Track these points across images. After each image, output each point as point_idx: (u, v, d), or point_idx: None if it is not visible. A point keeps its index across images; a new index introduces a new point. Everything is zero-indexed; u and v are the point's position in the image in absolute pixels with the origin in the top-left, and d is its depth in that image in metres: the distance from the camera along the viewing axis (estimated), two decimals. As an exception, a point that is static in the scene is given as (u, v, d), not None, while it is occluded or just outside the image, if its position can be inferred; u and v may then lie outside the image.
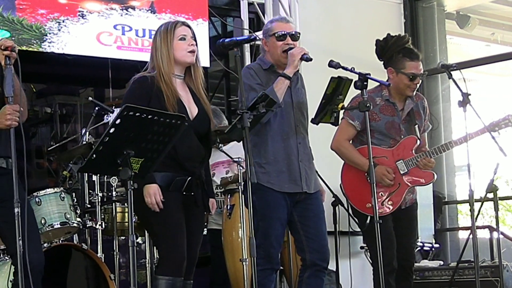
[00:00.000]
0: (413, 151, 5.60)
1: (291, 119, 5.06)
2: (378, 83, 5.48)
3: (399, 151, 5.59)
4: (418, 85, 5.63)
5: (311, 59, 4.94)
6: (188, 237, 4.60)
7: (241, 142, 4.73)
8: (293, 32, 5.08)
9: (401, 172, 5.57)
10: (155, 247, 6.33)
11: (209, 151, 4.85)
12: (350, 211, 5.76)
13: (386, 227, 5.43)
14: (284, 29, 5.06)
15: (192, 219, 4.69)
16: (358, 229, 6.88)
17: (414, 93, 5.67)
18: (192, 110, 4.73)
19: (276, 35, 5.05)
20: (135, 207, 4.61)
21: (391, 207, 5.54)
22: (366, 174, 5.36)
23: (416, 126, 5.68)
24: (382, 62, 5.71)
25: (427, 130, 5.83)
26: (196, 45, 4.77)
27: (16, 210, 4.14)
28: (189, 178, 4.65)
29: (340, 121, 5.27)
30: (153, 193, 4.54)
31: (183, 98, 4.71)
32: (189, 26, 4.82)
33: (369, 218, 5.38)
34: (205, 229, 6.08)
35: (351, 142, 5.64)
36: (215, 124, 4.81)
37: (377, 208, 4.87)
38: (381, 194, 5.53)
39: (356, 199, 5.53)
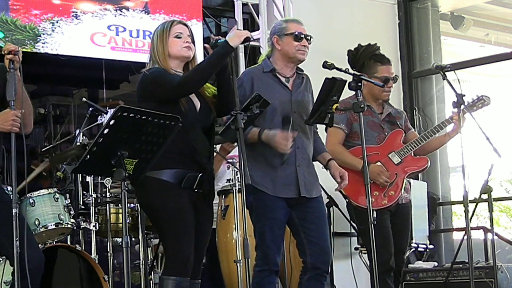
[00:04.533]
0: (402, 142, 5.76)
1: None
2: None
3: (388, 145, 5.73)
4: (391, 88, 5.79)
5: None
6: (196, 236, 4.55)
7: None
8: (308, 35, 5.06)
9: (395, 163, 5.70)
10: (149, 249, 6.32)
11: (213, 145, 4.80)
12: (348, 211, 5.73)
13: (383, 226, 5.50)
14: (301, 31, 5.04)
15: (201, 218, 4.63)
16: (353, 230, 6.90)
17: (389, 98, 5.82)
18: (195, 103, 4.68)
19: (294, 34, 5.02)
20: (145, 202, 4.59)
21: (391, 198, 5.62)
22: (362, 171, 5.36)
23: (398, 123, 5.82)
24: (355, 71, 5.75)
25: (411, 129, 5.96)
26: (194, 44, 4.75)
27: (14, 211, 4.14)
28: (201, 174, 4.59)
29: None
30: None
31: None
32: (186, 25, 4.79)
33: (374, 213, 5.39)
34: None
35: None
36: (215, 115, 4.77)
37: (371, 209, 4.88)
38: (381, 186, 5.62)
39: (357, 197, 5.56)
